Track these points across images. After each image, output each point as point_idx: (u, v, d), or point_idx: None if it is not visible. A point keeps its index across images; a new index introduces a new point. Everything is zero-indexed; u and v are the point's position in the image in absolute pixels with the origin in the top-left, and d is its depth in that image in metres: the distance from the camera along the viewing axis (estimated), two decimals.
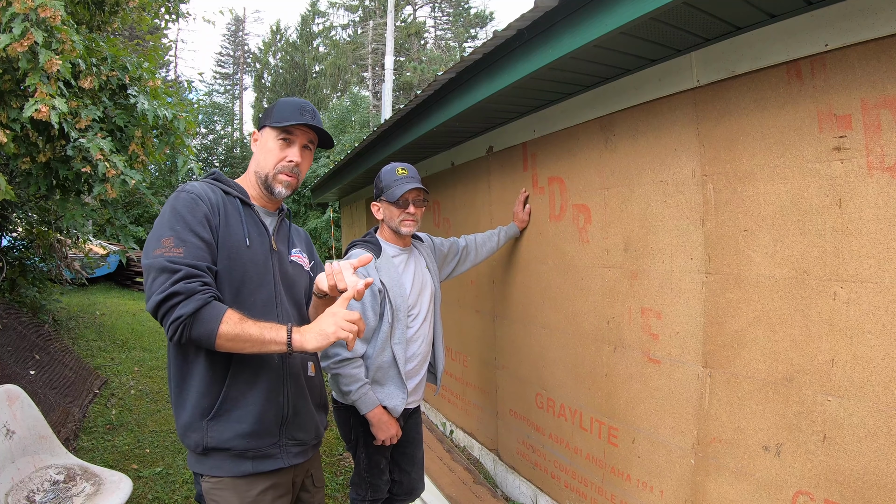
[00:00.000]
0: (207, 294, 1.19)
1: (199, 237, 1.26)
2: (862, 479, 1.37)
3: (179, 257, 1.20)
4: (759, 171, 1.61)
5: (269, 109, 1.46)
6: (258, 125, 1.49)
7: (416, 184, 2.06)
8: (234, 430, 1.30)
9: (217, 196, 1.36)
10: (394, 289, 2.00)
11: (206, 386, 1.30)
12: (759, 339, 1.62)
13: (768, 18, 1.53)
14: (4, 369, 3.49)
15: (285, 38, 33.80)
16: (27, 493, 2.27)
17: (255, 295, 1.35)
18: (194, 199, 1.29)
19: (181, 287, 1.16)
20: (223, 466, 1.31)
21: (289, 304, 1.44)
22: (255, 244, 1.37)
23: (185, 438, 1.33)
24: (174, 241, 1.22)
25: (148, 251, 1.24)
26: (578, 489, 2.45)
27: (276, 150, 1.41)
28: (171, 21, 5.08)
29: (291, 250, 1.52)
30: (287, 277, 1.46)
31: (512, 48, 1.98)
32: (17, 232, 5.32)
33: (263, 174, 1.43)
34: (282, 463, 1.38)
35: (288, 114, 1.41)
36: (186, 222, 1.25)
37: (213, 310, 1.18)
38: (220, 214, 1.33)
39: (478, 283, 3.36)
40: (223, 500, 1.32)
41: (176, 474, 3.23)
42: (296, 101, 1.44)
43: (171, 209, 1.27)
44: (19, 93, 2.89)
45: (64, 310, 6.70)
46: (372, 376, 2.00)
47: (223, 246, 1.31)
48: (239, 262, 1.33)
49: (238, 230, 1.35)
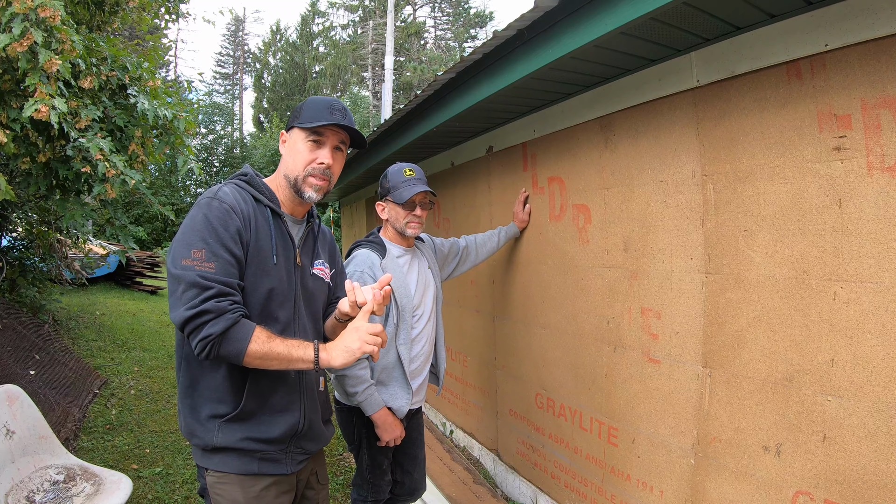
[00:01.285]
0: (237, 313, 1.19)
1: (231, 253, 1.23)
2: (862, 479, 1.37)
3: (211, 273, 1.19)
4: (759, 171, 1.61)
5: (297, 109, 1.39)
6: (287, 125, 1.43)
7: (425, 186, 2.05)
8: (246, 434, 1.31)
9: (248, 206, 1.31)
10: (399, 289, 1.99)
11: (223, 394, 1.30)
12: (759, 339, 1.62)
13: (768, 18, 1.53)
14: (4, 369, 3.49)
15: (285, 38, 33.81)
16: (27, 493, 2.27)
17: (278, 311, 1.34)
18: (228, 212, 1.25)
19: (212, 305, 1.16)
20: (229, 463, 1.32)
21: (307, 318, 1.43)
22: (281, 261, 1.35)
23: (193, 437, 1.33)
24: (206, 254, 1.20)
25: (176, 259, 1.20)
26: (578, 489, 2.45)
27: (305, 152, 1.35)
28: (170, 21, 5.07)
29: (315, 262, 1.48)
30: (307, 292, 1.44)
31: (512, 48, 1.98)
32: (17, 232, 5.32)
33: (293, 177, 1.37)
34: (285, 469, 1.39)
35: (317, 113, 1.35)
36: (219, 236, 1.22)
37: (243, 329, 1.19)
38: (252, 228, 1.30)
39: (478, 283, 3.36)
40: (227, 495, 1.33)
41: (176, 474, 3.23)
42: (326, 100, 1.38)
43: (203, 218, 1.23)
44: (19, 93, 2.88)
45: (64, 310, 6.70)
46: (376, 377, 2.00)
47: (252, 262, 1.29)
48: (266, 279, 1.31)
49: (267, 245, 1.32)
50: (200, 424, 1.31)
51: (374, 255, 2.00)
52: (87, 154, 2.95)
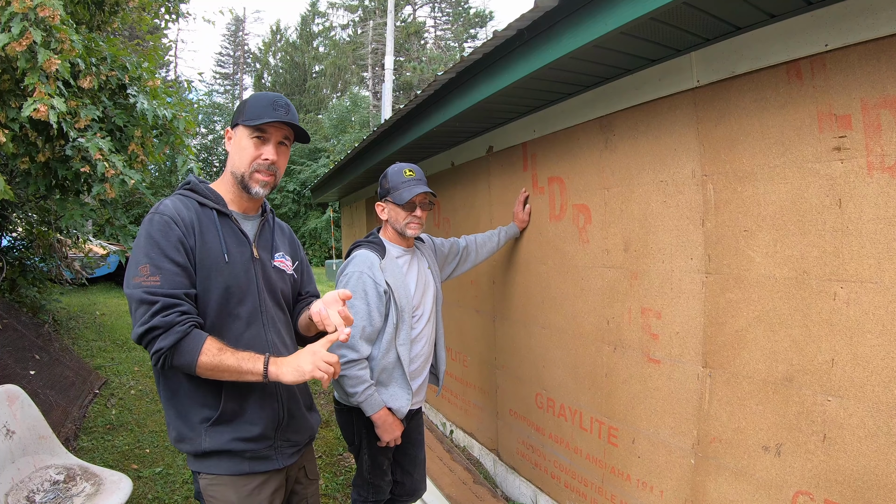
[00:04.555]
0: (187, 324, 1.21)
1: (174, 262, 1.25)
2: (862, 479, 1.37)
3: (156, 287, 1.22)
4: (759, 171, 1.60)
5: (241, 106, 1.41)
6: (231, 123, 1.44)
7: (425, 187, 2.05)
8: (233, 435, 1.33)
9: (191, 212, 1.33)
10: (399, 289, 1.99)
11: (202, 398, 1.32)
12: (759, 339, 1.62)
13: (768, 18, 1.53)
14: (4, 369, 3.49)
15: (285, 38, 33.81)
16: (27, 493, 2.27)
17: (240, 308, 1.36)
18: (167, 223, 1.28)
19: (159, 321, 1.19)
20: (221, 465, 1.34)
21: (274, 310, 1.45)
22: (234, 258, 1.36)
23: (181, 445, 1.35)
24: (150, 268, 1.23)
25: (128, 279, 1.25)
26: (578, 489, 2.45)
27: (250, 149, 1.37)
28: (171, 21, 5.07)
29: (275, 255, 1.50)
30: (270, 284, 1.45)
31: (512, 48, 1.98)
32: (17, 232, 5.32)
33: (239, 174, 1.39)
34: (277, 464, 1.40)
35: (261, 110, 1.36)
36: (161, 248, 1.25)
37: (192, 342, 1.21)
38: (196, 233, 1.31)
39: (478, 283, 3.36)
40: (221, 496, 1.34)
41: (176, 474, 3.23)
42: (268, 97, 1.39)
43: (145, 235, 1.27)
44: (18, 92, 2.88)
45: (64, 310, 6.70)
46: (376, 377, 2.00)
47: (201, 266, 1.30)
48: (219, 280, 1.32)
49: (216, 246, 1.33)
50: (189, 430, 1.32)
51: (373, 255, 1.99)
52: (86, 154, 2.96)
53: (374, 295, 1.93)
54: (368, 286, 1.92)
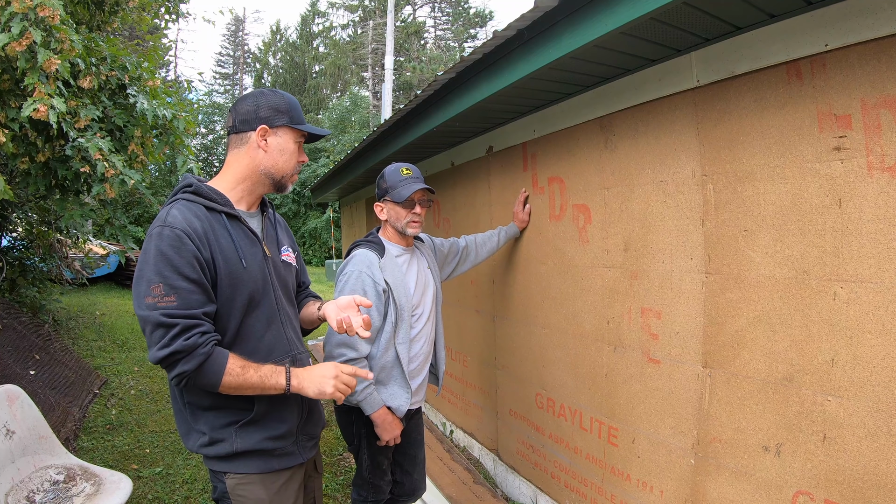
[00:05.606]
0: (208, 346, 1.20)
1: (190, 280, 1.20)
2: (862, 479, 1.37)
3: (173, 308, 1.17)
4: (759, 171, 1.60)
5: (282, 106, 1.38)
6: (272, 122, 1.37)
7: (423, 184, 2.05)
8: (263, 434, 1.35)
9: (202, 221, 1.27)
10: (398, 289, 1.99)
11: (232, 402, 1.32)
12: (759, 339, 1.62)
13: (768, 18, 1.53)
14: (4, 369, 3.49)
15: (285, 38, 33.82)
16: (27, 493, 2.27)
17: (259, 309, 1.36)
18: (179, 237, 1.21)
19: (180, 345, 1.16)
20: (251, 464, 1.35)
21: (287, 305, 1.47)
22: (250, 262, 1.34)
23: (208, 449, 1.33)
24: (164, 288, 1.17)
25: (139, 298, 1.19)
26: (578, 489, 2.45)
27: (296, 153, 1.41)
28: (171, 21, 5.07)
29: (281, 248, 1.51)
30: (282, 280, 1.46)
31: (512, 48, 1.98)
32: (17, 232, 5.31)
33: (279, 175, 1.40)
34: (300, 459, 1.45)
35: (300, 116, 1.42)
36: (174, 265, 1.19)
37: (215, 363, 1.21)
38: (211, 243, 1.26)
39: (478, 283, 3.36)
40: (252, 495, 1.35)
41: (176, 474, 3.23)
42: (297, 102, 1.45)
43: (155, 250, 1.20)
44: (18, 92, 2.88)
45: (64, 310, 6.69)
46: (375, 376, 2.00)
47: (223, 276, 1.27)
48: (242, 289, 1.31)
49: (232, 253, 1.30)
50: (218, 433, 1.32)
51: (372, 254, 2.00)
52: (86, 154, 2.95)
53: (373, 294, 1.93)
54: (367, 285, 1.93)
